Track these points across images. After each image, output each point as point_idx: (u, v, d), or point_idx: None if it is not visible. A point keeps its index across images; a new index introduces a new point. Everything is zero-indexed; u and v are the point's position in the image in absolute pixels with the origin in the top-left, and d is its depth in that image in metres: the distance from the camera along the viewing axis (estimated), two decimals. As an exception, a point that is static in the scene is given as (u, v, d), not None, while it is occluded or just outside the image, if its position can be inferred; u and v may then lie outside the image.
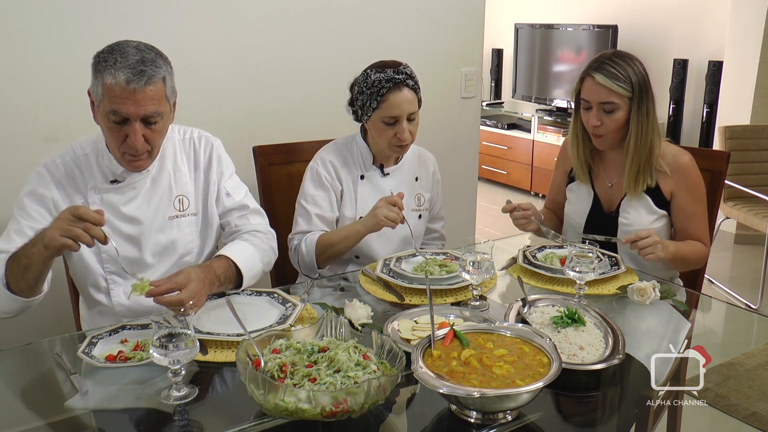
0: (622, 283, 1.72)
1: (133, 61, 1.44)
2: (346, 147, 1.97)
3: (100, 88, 1.46)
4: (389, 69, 1.83)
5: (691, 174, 1.90)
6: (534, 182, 5.84)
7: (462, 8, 2.78)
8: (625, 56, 1.85)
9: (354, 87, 1.89)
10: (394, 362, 1.19)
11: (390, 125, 1.84)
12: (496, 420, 1.16)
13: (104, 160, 1.60)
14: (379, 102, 1.82)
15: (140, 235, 1.63)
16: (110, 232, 1.57)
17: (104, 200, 1.60)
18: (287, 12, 2.38)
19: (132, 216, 1.62)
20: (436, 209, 2.13)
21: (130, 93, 1.43)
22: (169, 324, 1.19)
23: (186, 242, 1.69)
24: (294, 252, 1.91)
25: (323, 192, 1.92)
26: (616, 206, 1.96)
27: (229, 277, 1.60)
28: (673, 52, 5.06)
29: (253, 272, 1.65)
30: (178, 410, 1.20)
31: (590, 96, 1.85)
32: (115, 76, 1.43)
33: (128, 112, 1.45)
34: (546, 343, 1.23)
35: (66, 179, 1.59)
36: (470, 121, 2.97)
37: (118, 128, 1.48)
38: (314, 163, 1.94)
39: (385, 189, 1.96)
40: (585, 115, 1.90)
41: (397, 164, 2.00)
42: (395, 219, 1.76)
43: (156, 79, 1.47)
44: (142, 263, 1.65)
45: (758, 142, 3.86)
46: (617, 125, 1.85)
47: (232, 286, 1.62)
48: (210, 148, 1.73)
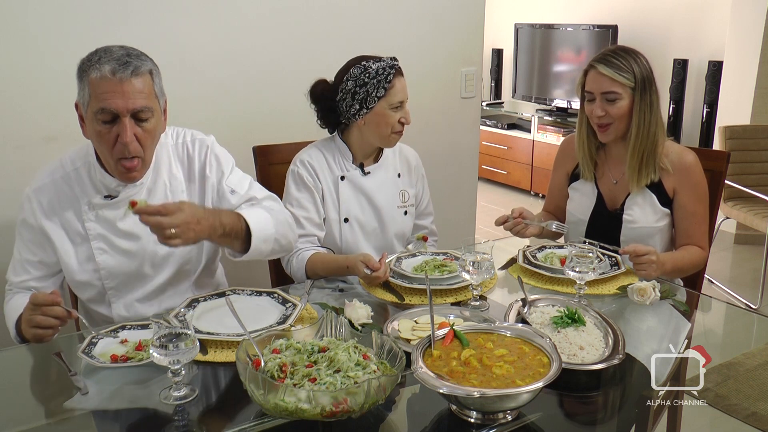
0: (622, 283, 1.72)
1: (118, 54, 1.44)
2: (325, 148, 1.96)
3: (86, 89, 1.43)
4: (382, 58, 1.85)
5: (694, 173, 1.90)
6: (534, 182, 5.84)
7: (462, 8, 2.78)
8: (629, 50, 1.87)
9: (346, 82, 1.84)
10: (394, 362, 1.19)
11: (397, 110, 1.86)
12: (496, 420, 1.16)
13: (96, 175, 1.56)
14: (387, 89, 1.83)
15: (138, 249, 1.60)
16: (108, 248, 1.59)
17: (99, 216, 1.57)
18: (287, 12, 2.38)
19: (129, 231, 1.59)
20: (423, 205, 2.12)
21: (117, 84, 1.41)
22: (169, 324, 1.19)
23: (184, 252, 1.66)
24: (287, 264, 1.90)
25: (307, 194, 1.91)
26: (621, 204, 1.96)
27: (237, 232, 1.55)
28: (673, 52, 5.06)
29: (264, 235, 1.59)
30: (178, 410, 1.20)
31: (593, 87, 1.87)
32: (100, 70, 1.41)
33: (117, 107, 1.42)
34: (546, 343, 1.23)
35: (56, 200, 1.57)
36: (470, 121, 2.97)
37: (108, 129, 1.44)
38: (294, 166, 1.94)
39: (366, 188, 1.95)
40: (588, 107, 1.91)
41: (377, 162, 1.99)
42: (375, 282, 1.72)
43: (143, 70, 1.45)
44: (141, 275, 1.63)
45: (758, 142, 3.86)
46: (620, 114, 1.86)
47: (239, 244, 1.58)
48: (205, 150, 1.69)
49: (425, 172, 2.13)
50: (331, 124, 1.96)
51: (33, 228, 1.57)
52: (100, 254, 1.59)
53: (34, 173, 1.61)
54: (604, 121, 1.88)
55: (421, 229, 2.14)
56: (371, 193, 1.95)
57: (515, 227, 1.92)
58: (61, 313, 1.37)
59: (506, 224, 1.92)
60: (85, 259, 1.59)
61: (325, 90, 1.90)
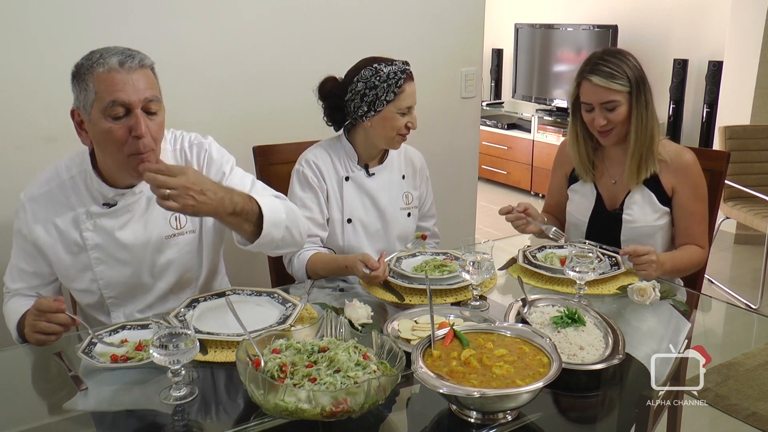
0: (622, 283, 1.72)
1: (120, 49, 1.43)
2: (330, 148, 1.96)
3: (90, 88, 1.40)
4: (395, 61, 1.84)
5: (693, 172, 1.90)
6: (534, 182, 5.84)
7: (462, 8, 2.78)
8: (616, 53, 1.86)
9: (356, 83, 1.84)
10: (394, 362, 1.19)
11: (404, 115, 1.86)
12: (496, 420, 1.16)
13: (93, 183, 1.53)
14: (397, 93, 1.82)
15: (137, 259, 1.57)
16: (106, 258, 1.56)
17: (98, 226, 1.54)
18: (287, 12, 2.38)
19: (127, 241, 1.56)
20: (426, 207, 2.12)
21: (126, 75, 1.39)
22: (169, 324, 1.19)
23: (185, 261, 1.63)
24: (288, 262, 1.90)
25: (311, 194, 1.91)
26: (620, 204, 1.96)
27: (248, 213, 1.49)
28: (673, 52, 5.06)
29: (275, 218, 1.54)
30: (178, 410, 1.20)
31: (590, 98, 1.86)
32: (106, 64, 1.39)
33: (129, 100, 1.39)
34: (546, 343, 1.23)
35: (52, 210, 1.54)
36: (470, 121, 2.97)
37: (119, 126, 1.40)
38: (299, 166, 1.94)
39: (370, 189, 1.95)
40: (588, 117, 1.90)
41: (382, 164, 1.99)
42: (374, 281, 1.72)
43: (147, 63, 1.44)
44: (140, 285, 1.61)
45: (758, 142, 3.86)
46: (621, 119, 1.86)
47: (250, 227, 1.52)
48: (203, 155, 1.65)
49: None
50: (337, 122, 1.95)
51: (26, 239, 1.55)
52: (98, 264, 1.56)
53: (34, 173, 1.60)
54: (606, 128, 1.88)
55: (424, 231, 2.14)
56: (375, 194, 1.95)
57: (517, 221, 1.92)
58: (66, 320, 1.36)
59: (509, 215, 1.91)
60: (82, 268, 1.57)
61: (334, 88, 1.90)
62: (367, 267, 1.66)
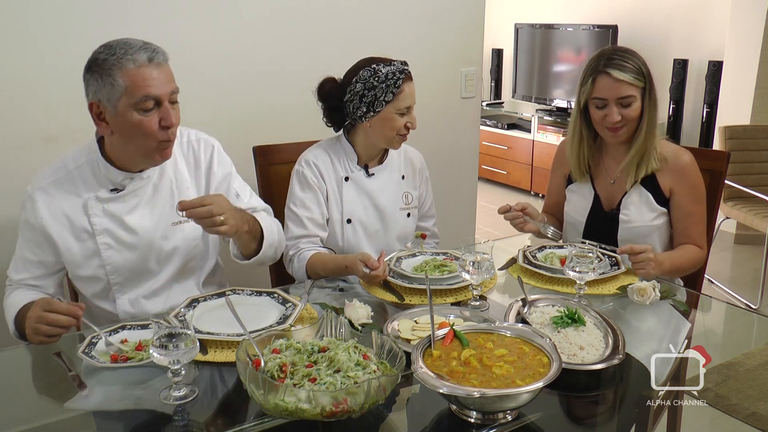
0: (622, 283, 1.72)
1: (140, 43, 1.46)
2: (330, 148, 1.96)
3: (117, 83, 1.42)
4: (393, 61, 1.84)
5: (691, 173, 1.90)
6: (534, 182, 5.84)
7: (462, 8, 2.79)
8: (626, 49, 1.87)
9: (355, 84, 1.84)
10: (394, 362, 1.19)
11: (403, 115, 1.86)
12: (496, 420, 1.16)
13: (101, 170, 1.57)
14: (396, 93, 1.82)
15: (144, 244, 1.61)
16: (114, 242, 1.59)
17: (106, 211, 1.58)
18: (287, 12, 2.38)
19: (135, 225, 1.60)
20: (426, 207, 2.12)
21: (155, 71, 1.45)
22: (169, 324, 1.19)
23: (190, 248, 1.67)
24: (288, 262, 1.90)
25: (311, 194, 1.91)
26: (617, 204, 1.96)
27: (255, 231, 1.64)
28: (673, 52, 5.06)
29: (272, 239, 1.69)
30: (178, 410, 1.20)
31: (607, 93, 1.84)
32: (135, 60, 1.43)
33: (161, 93, 1.45)
34: (546, 343, 1.23)
35: (59, 199, 1.56)
36: (470, 121, 2.97)
37: (149, 118, 1.46)
38: (299, 166, 1.94)
39: (370, 189, 1.95)
40: (599, 114, 1.87)
41: (381, 164, 1.99)
42: (374, 281, 1.72)
43: (167, 56, 1.50)
44: (146, 270, 1.64)
45: (758, 142, 3.86)
46: (635, 115, 1.85)
47: (255, 244, 1.65)
48: (210, 150, 1.72)
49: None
50: (336, 123, 1.95)
51: (34, 228, 1.57)
52: (106, 249, 1.59)
53: (34, 173, 1.61)
54: (619, 125, 1.86)
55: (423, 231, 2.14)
56: (374, 194, 1.95)
57: (515, 219, 1.92)
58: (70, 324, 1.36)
59: (507, 214, 1.92)
60: (90, 254, 1.59)
61: (333, 89, 1.90)
62: (367, 266, 1.66)
